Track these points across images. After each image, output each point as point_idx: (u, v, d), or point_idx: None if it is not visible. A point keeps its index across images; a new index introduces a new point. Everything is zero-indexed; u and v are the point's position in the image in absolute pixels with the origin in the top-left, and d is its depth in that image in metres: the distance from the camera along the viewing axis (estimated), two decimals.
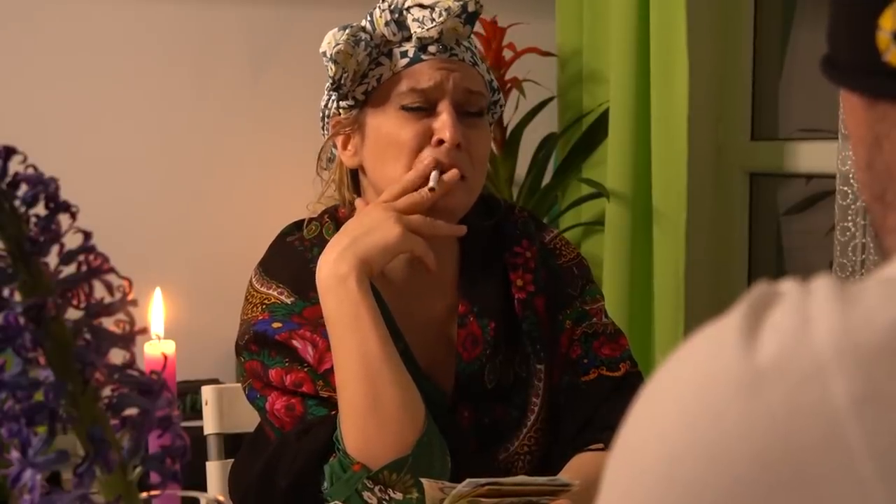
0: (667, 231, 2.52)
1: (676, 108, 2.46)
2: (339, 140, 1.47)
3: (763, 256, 2.77)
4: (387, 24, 1.40)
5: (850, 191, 2.13)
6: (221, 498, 0.78)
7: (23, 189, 0.59)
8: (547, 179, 2.83)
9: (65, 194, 0.60)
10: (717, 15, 2.63)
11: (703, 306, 2.59)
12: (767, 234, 2.79)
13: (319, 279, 1.35)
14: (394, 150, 1.41)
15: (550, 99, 2.86)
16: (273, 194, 2.76)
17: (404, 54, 1.42)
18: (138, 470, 0.61)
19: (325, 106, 1.48)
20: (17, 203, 0.59)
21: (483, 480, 1.22)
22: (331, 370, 1.37)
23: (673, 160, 2.48)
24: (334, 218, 1.50)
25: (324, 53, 1.40)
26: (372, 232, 1.35)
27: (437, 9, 1.39)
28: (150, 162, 2.77)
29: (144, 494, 0.66)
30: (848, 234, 2.15)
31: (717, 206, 2.68)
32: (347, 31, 1.39)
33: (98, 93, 2.73)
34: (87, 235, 0.61)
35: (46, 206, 0.60)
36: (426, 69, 1.41)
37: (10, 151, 0.59)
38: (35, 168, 0.59)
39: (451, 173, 1.39)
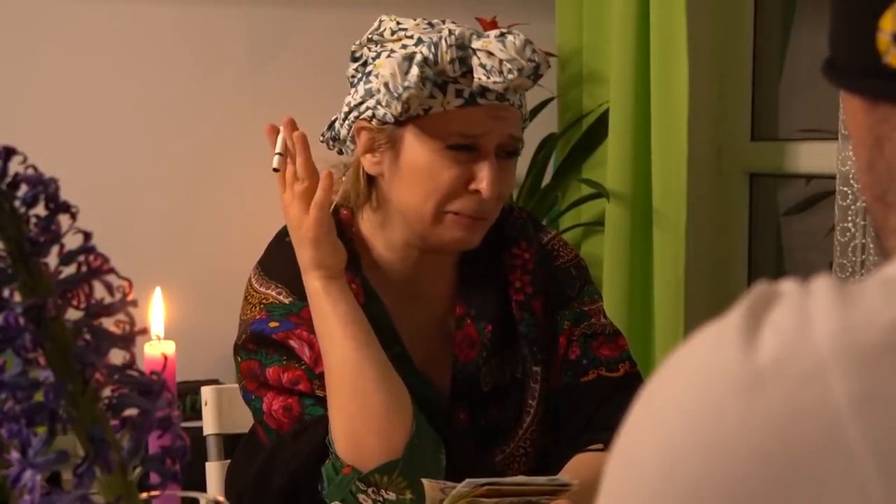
0: (667, 231, 2.52)
1: (676, 108, 2.45)
2: (366, 143, 1.43)
3: (763, 257, 2.77)
4: (452, 61, 1.34)
5: (850, 191, 2.13)
6: (221, 498, 0.78)
7: (23, 189, 0.59)
8: (547, 180, 2.83)
9: (65, 195, 0.60)
10: (717, 15, 2.63)
11: (703, 306, 2.59)
12: (767, 234, 2.79)
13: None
14: (428, 185, 1.39)
15: (550, 99, 2.86)
16: (273, 194, 2.75)
17: (459, 93, 1.37)
18: (138, 470, 0.61)
19: (356, 105, 1.42)
20: (17, 203, 0.59)
21: (483, 480, 1.22)
22: None
23: (673, 160, 2.48)
24: (335, 219, 1.49)
25: (386, 84, 1.36)
26: (301, 247, 1.40)
27: (508, 65, 1.33)
28: (150, 162, 2.77)
29: (144, 495, 0.66)
30: (848, 234, 2.15)
31: (717, 206, 2.68)
32: (415, 68, 1.33)
33: (98, 93, 2.72)
34: (87, 236, 0.61)
35: (46, 207, 0.60)
36: (481, 115, 1.38)
37: (10, 151, 0.59)
38: (35, 168, 0.59)
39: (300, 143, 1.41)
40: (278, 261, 1.47)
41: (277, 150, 1.40)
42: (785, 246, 2.87)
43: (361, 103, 1.41)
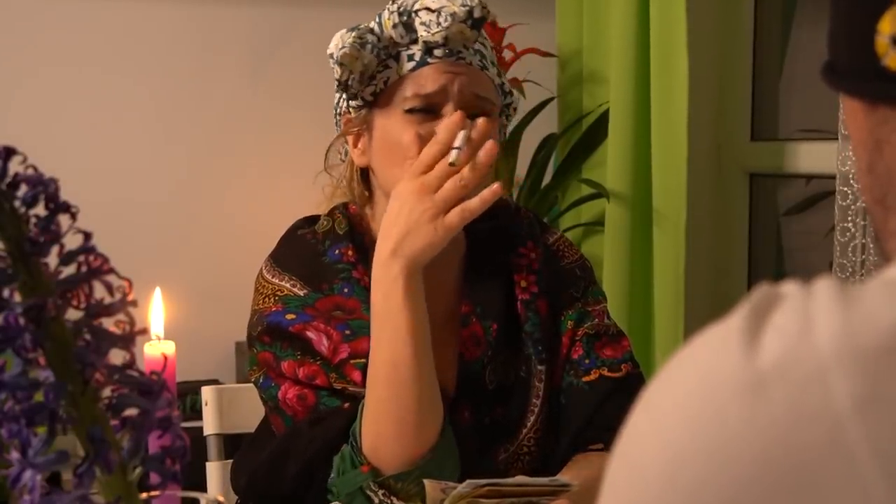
0: (667, 231, 2.52)
1: (676, 108, 2.45)
2: (350, 138, 1.47)
3: (763, 257, 2.77)
4: (394, 26, 1.40)
5: (849, 191, 2.13)
6: (221, 498, 0.78)
7: (23, 189, 0.59)
8: (547, 180, 2.83)
9: (65, 195, 0.60)
10: (717, 15, 2.63)
11: (703, 306, 2.59)
12: (767, 234, 2.79)
13: (373, 272, 1.35)
14: (397, 152, 1.41)
15: (550, 99, 2.86)
16: (274, 194, 2.76)
17: (411, 57, 1.41)
18: (138, 470, 0.61)
19: (337, 104, 1.48)
20: (17, 203, 0.59)
21: (483, 481, 1.22)
22: (346, 361, 1.38)
23: (673, 160, 2.48)
24: (346, 214, 1.50)
25: (330, 55, 1.40)
26: (414, 233, 1.32)
27: (443, 13, 1.38)
28: (151, 162, 2.77)
29: (144, 495, 0.66)
30: (848, 234, 2.15)
31: (717, 206, 2.68)
32: (354, 33, 1.39)
33: (98, 93, 2.73)
34: (87, 236, 0.61)
35: (46, 207, 0.60)
36: (431, 73, 1.41)
37: (10, 152, 0.59)
38: (35, 168, 0.59)
39: (487, 150, 1.33)
40: (291, 253, 1.47)
41: (458, 144, 1.34)
42: (785, 246, 2.87)
43: (338, 100, 1.48)
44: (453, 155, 1.33)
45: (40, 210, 0.60)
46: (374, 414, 1.33)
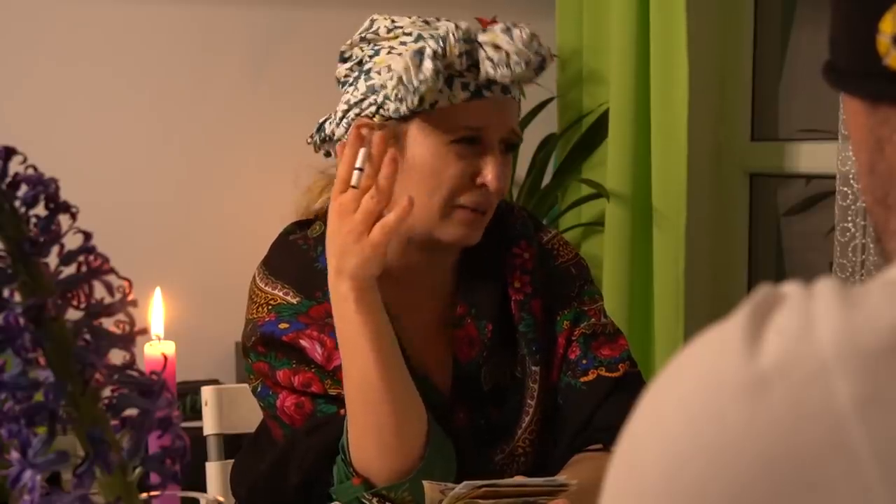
0: (667, 231, 2.52)
1: (676, 108, 2.46)
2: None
3: (763, 257, 2.77)
4: (460, 54, 1.35)
5: (850, 191, 2.13)
6: (221, 499, 0.78)
7: (23, 189, 0.59)
8: (547, 180, 2.83)
9: (65, 195, 0.60)
10: (717, 15, 2.63)
11: (703, 307, 2.59)
12: (767, 234, 2.79)
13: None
14: (434, 181, 1.38)
15: (550, 99, 2.86)
16: (273, 194, 2.76)
17: (465, 86, 1.37)
18: (138, 471, 0.61)
19: (357, 103, 1.41)
20: (17, 203, 0.59)
21: (481, 482, 1.22)
22: (340, 367, 1.37)
23: (673, 160, 2.48)
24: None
25: (400, 78, 1.35)
26: (347, 253, 1.32)
27: (514, 57, 1.34)
28: (150, 162, 2.77)
29: (144, 495, 0.66)
30: (848, 234, 2.15)
31: (717, 207, 2.68)
32: (428, 61, 1.33)
33: (98, 93, 2.72)
34: (87, 236, 0.61)
35: (46, 207, 0.60)
36: (486, 108, 1.39)
37: (10, 152, 0.59)
38: (35, 168, 0.59)
39: (385, 165, 1.32)
40: (284, 260, 1.47)
41: (359, 164, 1.33)
42: (785, 246, 2.87)
43: (363, 100, 1.40)
44: (354, 178, 1.33)
45: (40, 210, 0.60)
46: (355, 432, 1.33)
